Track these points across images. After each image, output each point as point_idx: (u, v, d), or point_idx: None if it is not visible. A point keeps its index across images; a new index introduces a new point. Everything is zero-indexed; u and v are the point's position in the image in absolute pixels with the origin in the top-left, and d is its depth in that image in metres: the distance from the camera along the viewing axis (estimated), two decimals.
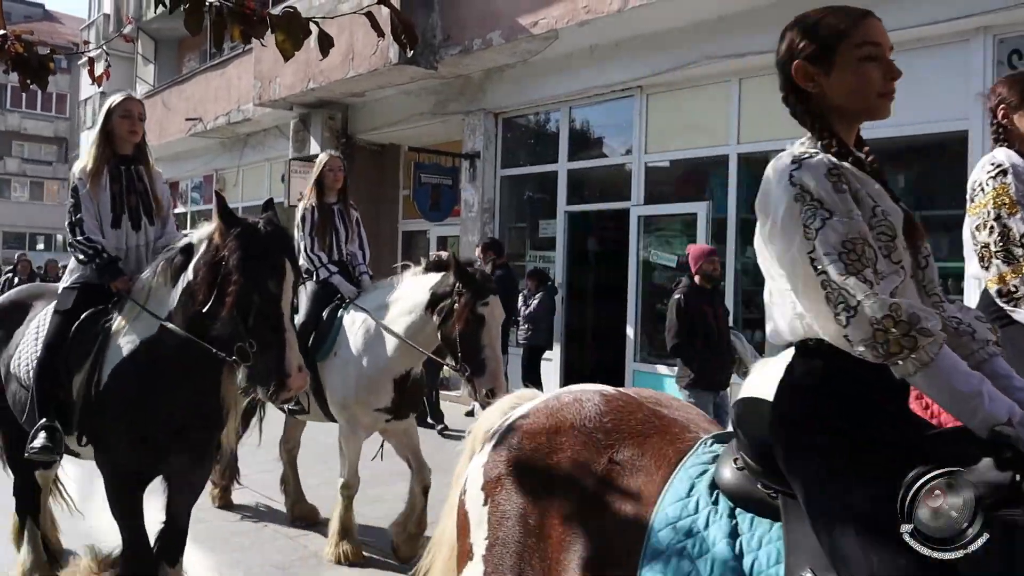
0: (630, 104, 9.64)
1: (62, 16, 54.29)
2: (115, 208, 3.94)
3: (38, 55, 2.28)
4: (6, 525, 4.79)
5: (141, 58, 21.99)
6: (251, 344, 3.12)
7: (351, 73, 11.33)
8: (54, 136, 50.00)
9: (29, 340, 3.94)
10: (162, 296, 3.51)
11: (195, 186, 19.49)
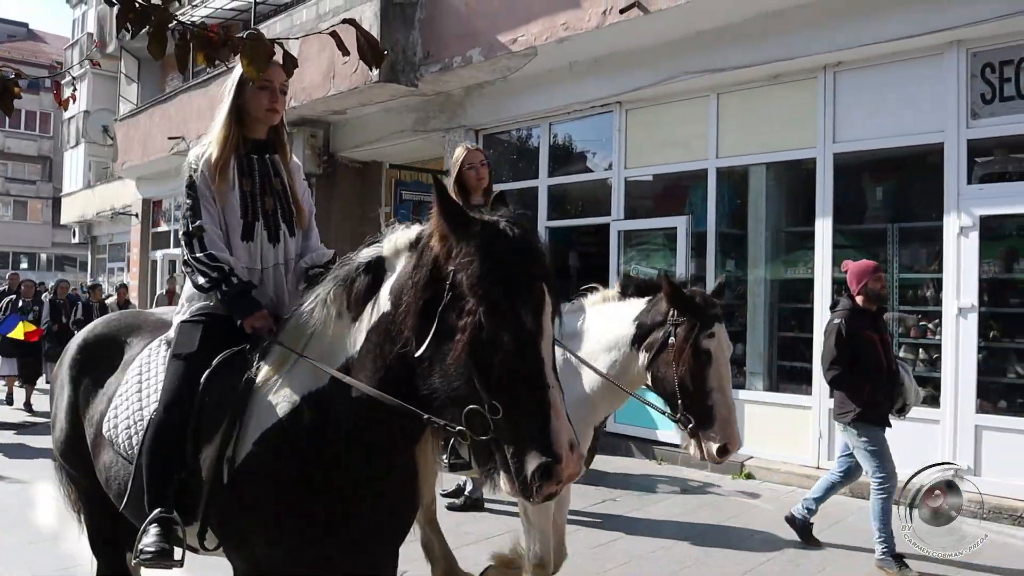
0: (609, 119, 9.70)
1: (46, 35, 54.17)
2: (246, 213, 2.94)
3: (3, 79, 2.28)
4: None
5: (124, 77, 21.97)
6: (493, 407, 2.03)
7: (332, 91, 11.35)
8: (38, 155, 49.79)
9: (129, 392, 2.93)
10: (335, 336, 2.47)
11: (178, 205, 19.42)
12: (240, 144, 2.97)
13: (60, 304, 12.58)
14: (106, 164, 24.28)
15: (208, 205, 2.87)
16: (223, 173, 2.89)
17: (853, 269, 5.76)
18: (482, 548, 5.26)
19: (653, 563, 5.48)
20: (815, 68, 7.94)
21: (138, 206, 20.66)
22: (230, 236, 2.91)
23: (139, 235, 20.65)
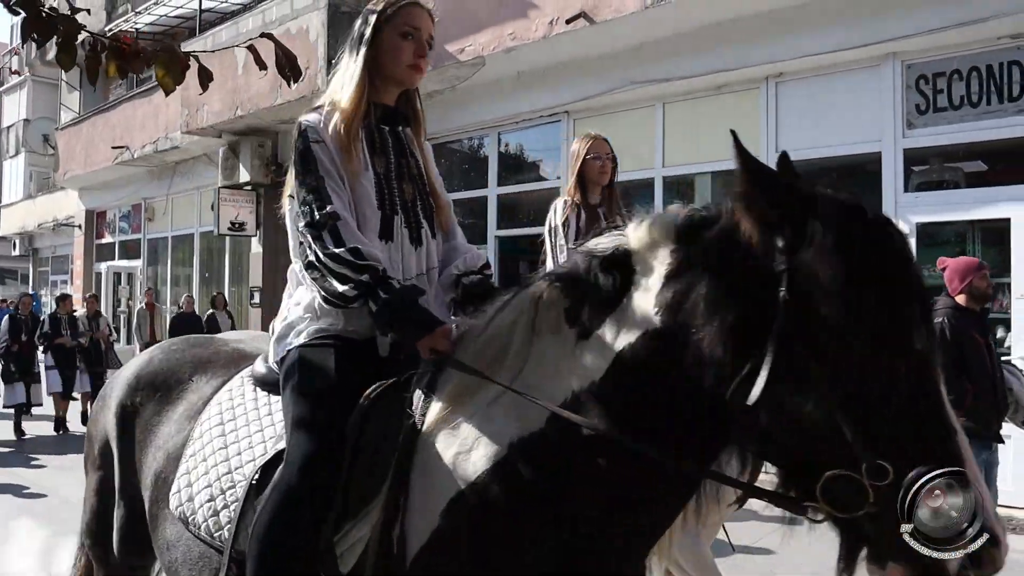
0: (557, 129, 9.74)
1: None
2: (383, 204, 2.11)
3: None
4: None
5: (66, 85, 21.50)
6: (878, 470, 1.32)
7: (279, 100, 11.23)
8: None
9: (207, 450, 2.13)
10: (548, 359, 1.72)
11: (123, 215, 19.07)
12: (370, 111, 2.14)
13: (22, 320, 11.43)
14: (47, 174, 23.70)
15: (337, 188, 2.00)
16: (353, 146, 2.05)
17: (953, 266, 5.13)
18: None
19: None
20: (758, 79, 8.06)
21: (81, 217, 20.21)
22: (365, 235, 2.01)
23: (82, 247, 20.19)
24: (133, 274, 18.30)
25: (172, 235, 17.15)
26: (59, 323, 11.31)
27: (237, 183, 13.27)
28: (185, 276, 16.90)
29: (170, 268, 17.36)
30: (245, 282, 14.24)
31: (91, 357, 11.45)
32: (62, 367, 11.07)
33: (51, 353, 11.13)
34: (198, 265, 16.31)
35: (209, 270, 16.13)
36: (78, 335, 11.31)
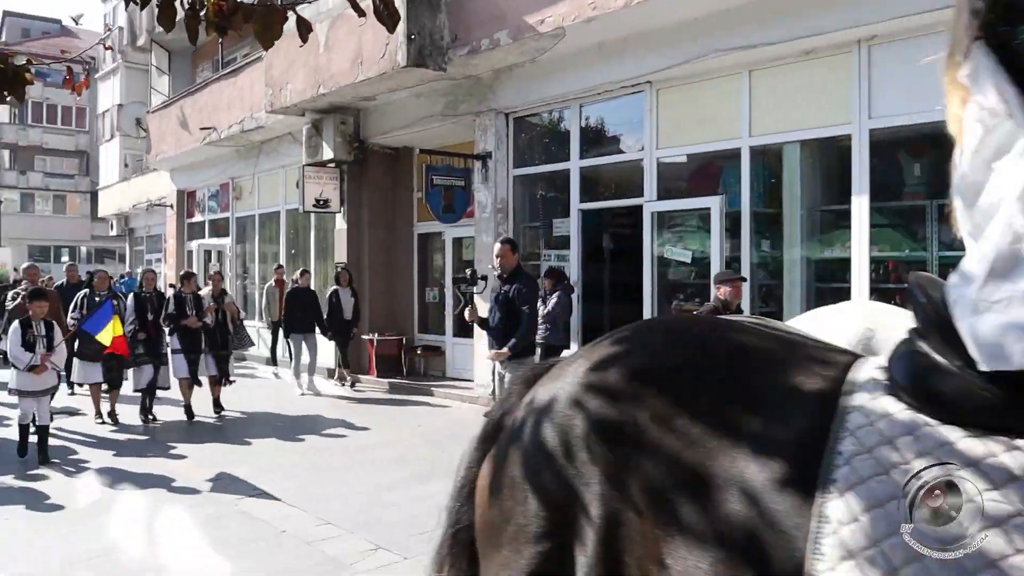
0: (640, 100, 9.58)
1: (80, 31, 54.81)
2: None
3: (14, 67, 2.27)
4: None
5: (155, 70, 22.16)
6: None
7: (360, 77, 11.34)
8: (75, 150, 50.53)
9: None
10: None
11: (212, 195, 19.61)
12: None
13: (147, 298, 10.34)
14: (140, 156, 24.55)
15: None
16: None
17: None
18: None
19: None
20: (848, 43, 7.76)
21: (172, 197, 20.88)
22: None
23: (174, 226, 20.87)
24: (223, 251, 18.84)
25: (259, 213, 17.57)
26: (184, 303, 10.32)
27: (321, 160, 13.49)
28: (272, 253, 17.31)
29: (257, 245, 17.80)
30: (330, 258, 14.49)
31: (216, 339, 10.59)
32: (187, 350, 10.25)
33: (177, 335, 10.24)
34: (284, 242, 16.69)
35: (295, 247, 16.48)
36: (203, 315, 10.38)
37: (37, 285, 10.65)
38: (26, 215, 48.85)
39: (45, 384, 8.21)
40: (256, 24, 1.94)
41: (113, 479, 7.42)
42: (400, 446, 8.72)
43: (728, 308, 6.49)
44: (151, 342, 10.09)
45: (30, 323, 8.16)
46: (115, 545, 5.65)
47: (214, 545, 5.63)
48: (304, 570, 5.12)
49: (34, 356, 7.98)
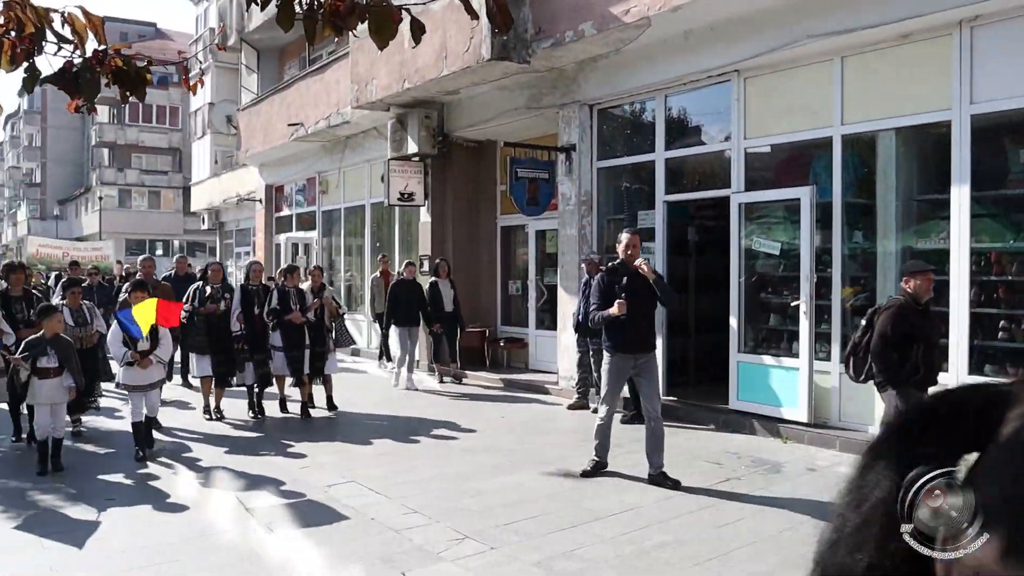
0: (727, 89, 9.41)
1: (172, 33, 56.78)
2: None
3: (135, 67, 2.36)
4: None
5: (245, 68, 22.76)
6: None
7: (445, 71, 11.43)
8: (168, 147, 52.43)
9: None
10: None
11: (299, 189, 20.06)
12: None
13: (253, 290, 9.98)
14: (231, 153, 25.27)
15: None
16: None
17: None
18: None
19: (781, 543, 5.32)
20: (949, 24, 7.46)
21: (261, 192, 21.43)
22: None
23: (263, 220, 21.42)
24: (309, 245, 19.26)
25: (344, 207, 17.90)
26: (288, 297, 9.97)
27: (405, 154, 13.65)
28: (357, 246, 17.62)
29: (343, 238, 18.14)
30: (414, 251, 14.68)
31: (315, 335, 10.20)
32: (289, 347, 9.94)
33: (280, 331, 9.92)
34: (369, 235, 16.96)
35: (379, 240, 16.74)
36: (306, 311, 10.04)
37: (152, 278, 10.73)
38: (123, 210, 50.94)
39: (151, 378, 8.10)
40: (371, 24, 1.96)
41: (208, 469, 7.69)
42: (484, 437, 8.78)
43: (917, 302, 6.12)
44: (258, 337, 9.86)
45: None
46: (211, 528, 5.85)
47: (304, 531, 5.77)
48: (392, 557, 5.19)
49: (127, 352, 7.88)
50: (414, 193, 13.67)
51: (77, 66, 2.34)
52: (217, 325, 9.81)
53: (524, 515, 6.01)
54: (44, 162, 62.23)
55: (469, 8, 2.05)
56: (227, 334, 9.77)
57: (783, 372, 8.67)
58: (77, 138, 61.08)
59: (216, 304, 9.81)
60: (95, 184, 52.10)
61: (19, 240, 65.30)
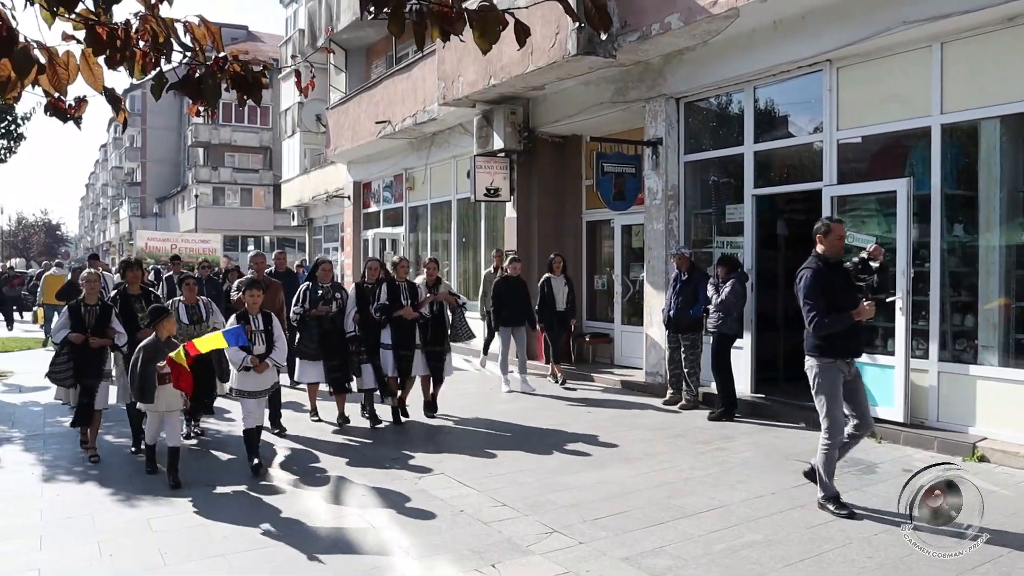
0: (818, 79, 9.18)
1: (263, 35, 58.38)
2: None
3: (253, 72, 2.47)
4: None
5: (333, 68, 23.26)
6: None
7: (530, 67, 11.48)
8: (259, 146, 54.01)
9: None
10: None
11: (386, 185, 20.41)
12: None
13: (370, 289, 9.34)
14: (320, 151, 25.87)
15: None
16: None
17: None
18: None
19: (875, 546, 5.19)
20: None
21: (349, 188, 21.89)
22: None
23: (351, 216, 21.87)
24: (396, 240, 19.58)
25: (431, 202, 18.13)
26: (398, 292, 9.32)
27: (491, 150, 13.76)
28: (443, 241, 17.83)
29: (429, 234, 18.39)
30: (500, 245, 14.77)
31: (428, 333, 9.49)
32: (399, 345, 9.27)
33: (390, 328, 9.27)
34: (455, 231, 17.15)
35: (465, 235, 16.91)
36: (419, 306, 9.39)
37: (264, 275, 9.79)
38: (217, 207, 52.71)
39: (266, 383, 7.48)
40: (476, 28, 2.02)
41: (316, 476, 7.89)
42: (571, 431, 8.80)
43: None
44: (370, 335, 9.22)
45: (248, 317, 7.40)
46: (307, 513, 6.02)
47: (394, 521, 5.90)
48: (481, 549, 5.26)
49: (247, 357, 7.21)
50: (500, 189, 13.76)
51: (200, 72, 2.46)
52: (330, 328, 9.09)
53: (612, 510, 6.01)
54: (144, 162, 64.90)
55: (569, 10, 2.08)
56: (341, 337, 9.11)
57: (877, 370, 8.43)
58: (174, 139, 63.49)
59: (328, 305, 9.11)
60: (191, 182, 54.08)
61: (121, 236, 68.37)
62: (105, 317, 7.77)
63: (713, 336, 9.51)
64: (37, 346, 18.38)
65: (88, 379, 7.70)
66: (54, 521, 6.01)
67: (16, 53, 2.47)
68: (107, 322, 7.77)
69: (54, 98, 2.70)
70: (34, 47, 2.53)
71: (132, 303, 8.15)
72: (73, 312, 7.69)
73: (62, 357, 7.74)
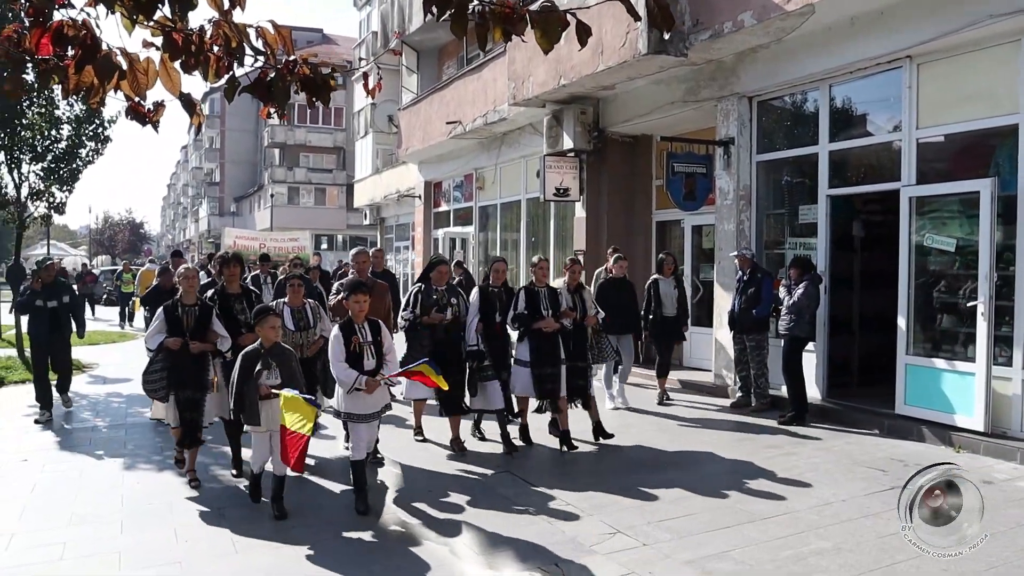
0: (897, 76, 8.93)
1: (337, 38, 59.42)
2: None
3: (321, 75, 2.53)
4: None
5: (405, 69, 23.53)
6: None
7: (601, 67, 11.43)
8: (333, 146, 55.00)
9: None
10: None
11: (457, 185, 20.58)
12: None
13: (496, 293, 8.07)
14: (391, 151, 26.19)
15: None
16: None
17: None
18: None
19: (950, 559, 5.01)
20: None
21: (420, 188, 22.12)
22: None
23: (422, 215, 22.11)
24: (466, 239, 19.72)
25: (500, 202, 18.22)
26: (538, 298, 7.96)
27: (561, 150, 13.75)
28: (512, 241, 17.89)
29: (499, 233, 18.47)
30: (569, 246, 14.76)
31: (570, 345, 8.12)
32: (538, 362, 7.86)
33: (528, 341, 7.90)
34: (524, 230, 17.19)
35: (535, 235, 16.94)
36: (560, 316, 7.95)
37: (369, 276, 8.51)
38: (292, 207, 53.87)
39: (379, 403, 6.27)
40: (538, 28, 2.03)
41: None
42: (636, 434, 8.74)
43: None
44: (500, 349, 8.05)
45: (353, 327, 6.16)
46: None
47: (457, 517, 5.94)
48: (545, 547, 5.27)
49: (360, 378, 5.96)
50: (569, 188, 13.74)
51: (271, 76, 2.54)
52: (444, 338, 7.77)
53: (677, 513, 5.96)
54: (223, 163, 66.68)
55: (631, 10, 2.08)
56: (456, 349, 7.83)
57: (956, 377, 8.16)
58: (251, 140, 65.06)
59: (443, 312, 7.79)
60: (267, 182, 55.37)
61: (201, 234, 70.40)
62: (205, 318, 6.82)
63: (784, 339, 9.34)
64: (120, 339, 19.08)
65: (190, 391, 6.74)
66: (134, 508, 6.26)
67: (100, 60, 2.59)
68: (208, 324, 6.82)
69: (134, 102, 2.81)
70: (116, 54, 2.64)
71: (232, 303, 7.22)
72: (169, 314, 6.75)
73: (156, 365, 6.79)
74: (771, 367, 9.83)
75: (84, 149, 16.31)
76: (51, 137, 15.93)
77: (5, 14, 13.42)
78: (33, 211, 16.67)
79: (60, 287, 10.04)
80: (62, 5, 2.61)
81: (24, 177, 16.11)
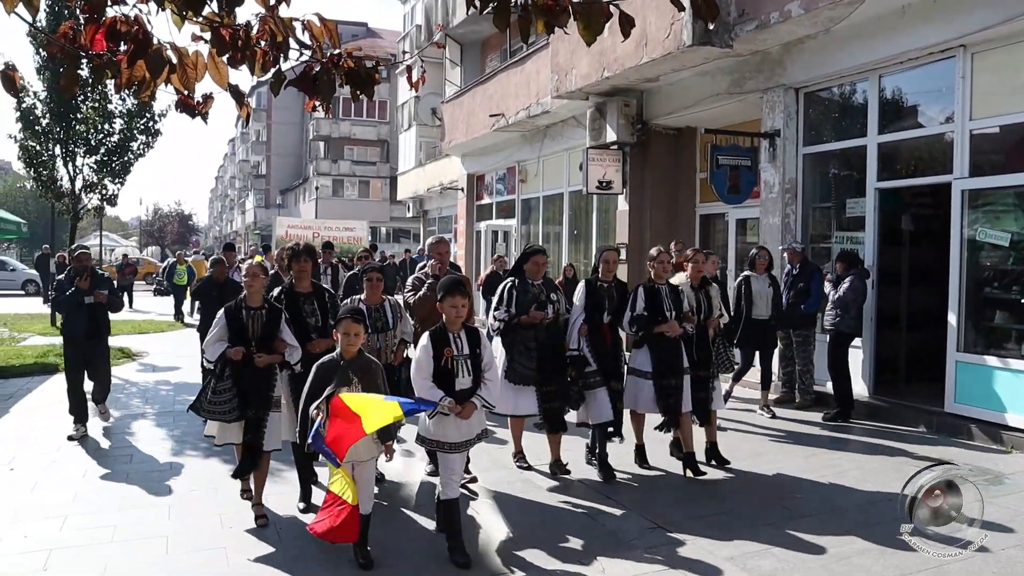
0: (951, 66, 8.73)
1: (382, 31, 59.78)
2: None
3: (365, 68, 2.56)
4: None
5: (448, 62, 23.60)
6: None
7: (645, 59, 11.35)
8: (377, 139, 55.37)
9: None
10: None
11: (499, 178, 20.59)
12: None
13: (606, 289, 6.94)
14: (435, 143, 26.30)
15: None
16: None
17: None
18: None
19: (1001, 560, 4.92)
20: None
21: (463, 181, 22.18)
22: None
23: (464, 208, 22.17)
24: (509, 232, 19.74)
25: (543, 195, 18.20)
26: (659, 298, 6.82)
27: (604, 143, 13.69)
28: (555, 234, 17.87)
29: (541, 226, 18.46)
30: (612, 238, 14.70)
31: (693, 352, 7.01)
32: (661, 372, 6.76)
33: (647, 348, 6.81)
34: (567, 223, 17.16)
35: (577, 228, 16.90)
36: (683, 319, 6.84)
37: (448, 271, 6.83)
38: (336, 199, 54.41)
39: (474, 430, 5.09)
40: (580, 20, 2.03)
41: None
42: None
43: None
44: (610, 354, 6.86)
45: (446, 336, 4.99)
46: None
47: (496, 508, 5.96)
48: (584, 541, 5.27)
49: (444, 399, 4.84)
50: (612, 181, 13.68)
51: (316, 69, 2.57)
52: (545, 341, 6.58)
53: (719, 509, 5.92)
54: (269, 155, 67.56)
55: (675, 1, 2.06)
56: (557, 354, 6.66)
57: (1009, 375, 7.98)
58: (297, 133, 65.78)
59: (543, 311, 6.57)
60: (312, 175, 55.95)
61: (247, 226, 71.42)
62: (273, 325, 5.67)
63: (830, 334, 9.20)
64: (169, 329, 19.45)
65: (253, 409, 5.58)
66: (181, 493, 6.39)
67: (151, 55, 2.65)
68: (275, 331, 5.68)
69: (184, 95, 2.87)
70: (167, 48, 2.70)
71: (302, 305, 6.09)
72: (232, 318, 5.61)
73: (225, 383, 5.54)
74: (817, 363, 9.70)
75: (135, 142, 16.70)
76: (104, 131, 16.33)
77: (61, 12, 13.71)
78: (87, 203, 17.09)
79: (98, 280, 8.65)
80: (115, 2, 2.68)
81: (78, 170, 16.52)
